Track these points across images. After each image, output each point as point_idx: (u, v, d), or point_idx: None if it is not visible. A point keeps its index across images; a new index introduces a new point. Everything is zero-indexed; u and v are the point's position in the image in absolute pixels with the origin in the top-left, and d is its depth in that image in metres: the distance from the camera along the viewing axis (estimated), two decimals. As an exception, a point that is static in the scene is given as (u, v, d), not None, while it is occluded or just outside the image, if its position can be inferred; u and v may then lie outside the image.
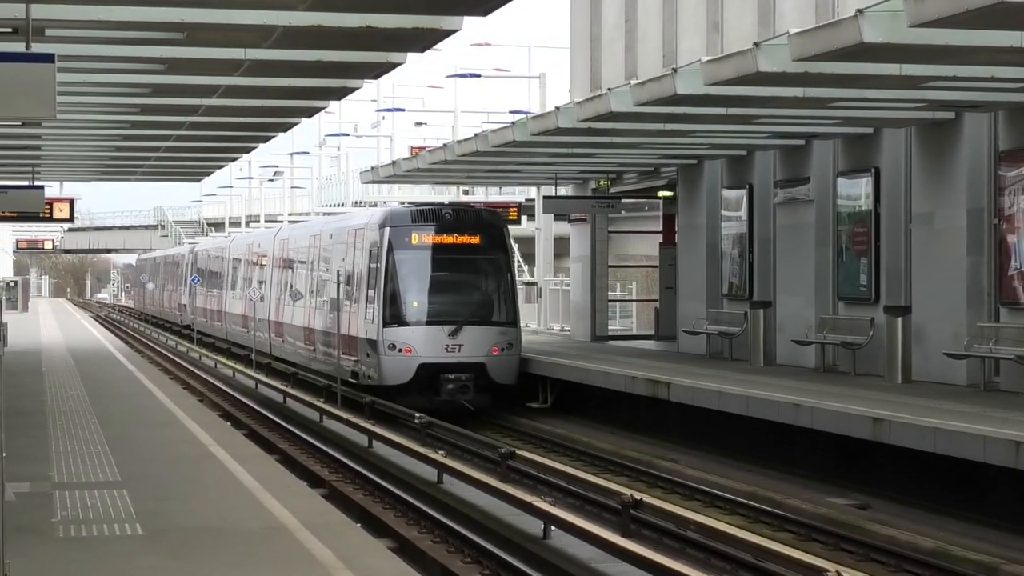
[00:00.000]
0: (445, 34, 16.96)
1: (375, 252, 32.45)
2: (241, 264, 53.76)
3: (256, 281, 49.27)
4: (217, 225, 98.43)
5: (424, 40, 17.46)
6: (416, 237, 32.03)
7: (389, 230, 32.06)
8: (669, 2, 34.18)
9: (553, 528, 16.76)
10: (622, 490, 18.99)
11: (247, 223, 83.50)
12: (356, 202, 65.86)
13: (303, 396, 33.37)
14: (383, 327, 31.59)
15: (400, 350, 31.38)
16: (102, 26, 16.52)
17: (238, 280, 53.91)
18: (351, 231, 35.37)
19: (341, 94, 23.87)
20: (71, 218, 37.92)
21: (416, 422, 27.11)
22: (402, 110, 62.78)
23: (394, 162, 41.57)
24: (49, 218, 36.88)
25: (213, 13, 16.30)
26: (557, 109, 27.34)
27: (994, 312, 23.77)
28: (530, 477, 21.64)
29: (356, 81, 21.56)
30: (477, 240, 32.28)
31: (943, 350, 24.05)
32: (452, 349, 31.27)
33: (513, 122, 30.97)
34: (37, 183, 36.20)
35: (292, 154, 79.55)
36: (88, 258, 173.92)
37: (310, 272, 40.52)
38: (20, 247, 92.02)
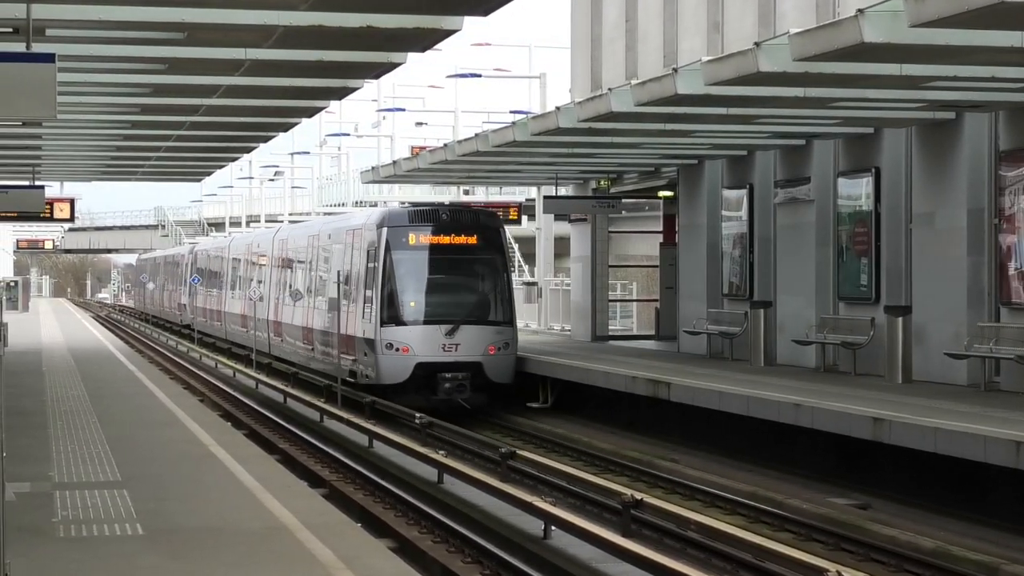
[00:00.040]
0: (446, 34, 16.96)
1: (373, 252, 32.55)
2: (240, 264, 53.77)
3: (255, 281, 49.28)
4: (217, 225, 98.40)
5: (425, 40, 17.46)
6: (413, 237, 32.15)
7: (387, 230, 32.18)
8: (670, 2, 34.17)
9: (554, 528, 16.76)
10: (623, 490, 18.99)
11: (248, 223, 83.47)
12: (357, 202, 65.85)
13: (303, 396, 33.36)
14: (381, 326, 31.72)
15: (397, 349, 31.50)
16: (102, 26, 16.53)
17: (237, 280, 53.91)
18: (349, 231, 35.46)
19: (342, 94, 23.88)
20: (71, 218, 37.93)
21: (416, 422, 27.11)
22: (403, 110, 62.82)
23: (395, 162, 41.59)
24: (49, 218, 36.89)
25: (214, 13, 16.31)
26: (558, 109, 27.34)
27: (994, 312, 23.77)
28: (530, 477, 21.63)
29: (357, 81, 21.56)
30: (474, 240, 32.41)
31: (943, 350, 24.05)
32: (449, 348, 31.38)
33: (514, 122, 30.97)
34: (38, 183, 36.20)
35: (293, 154, 79.58)
36: (88, 258, 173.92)
37: (309, 272, 40.60)
38: (20, 247, 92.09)
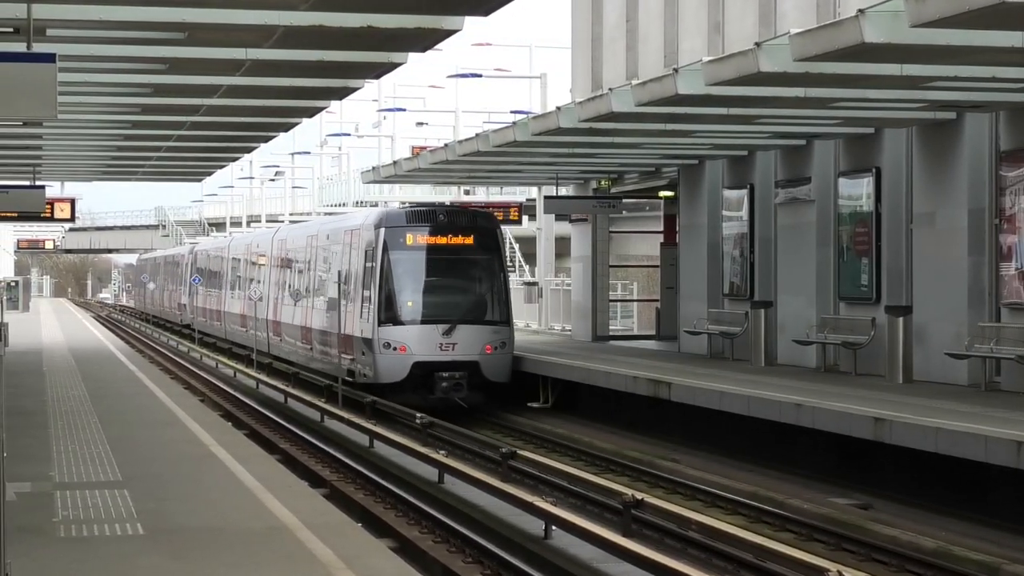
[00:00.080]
0: (446, 34, 16.96)
1: (370, 252, 32.74)
2: (240, 264, 53.87)
3: (254, 281, 49.35)
4: (218, 225, 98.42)
5: (425, 40, 17.46)
6: (411, 237, 32.38)
7: (384, 231, 32.39)
8: (670, 2, 34.17)
9: (554, 528, 16.76)
10: (623, 490, 18.99)
11: (248, 223, 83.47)
12: (357, 202, 65.86)
13: (304, 396, 33.38)
14: (378, 326, 31.93)
15: (395, 348, 31.70)
16: (103, 26, 16.52)
17: (237, 280, 54.01)
18: (347, 231, 35.65)
19: (342, 94, 23.88)
20: (72, 218, 37.94)
21: (417, 422, 27.12)
22: (403, 110, 62.82)
23: (395, 162, 41.61)
24: (50, 218, 36.90)
25: (214, 13, 16.31)
26: (558, 109, 27.34)
27: (995, 312, 23.76)
28: (531, 477, 21.63)
29: (357, 81, 21.56)
30: (471, 241, 32.64)
31: (944, 350, 24.05)
32: (446, 348, 31.59)
33: (514, 122, 30.97)
34: (38, 183, 36.20)
35: (293, 154, 79.58)
36: (89, 258, 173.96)
37: (307, 272, 40.78)
38: (21, 247, 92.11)
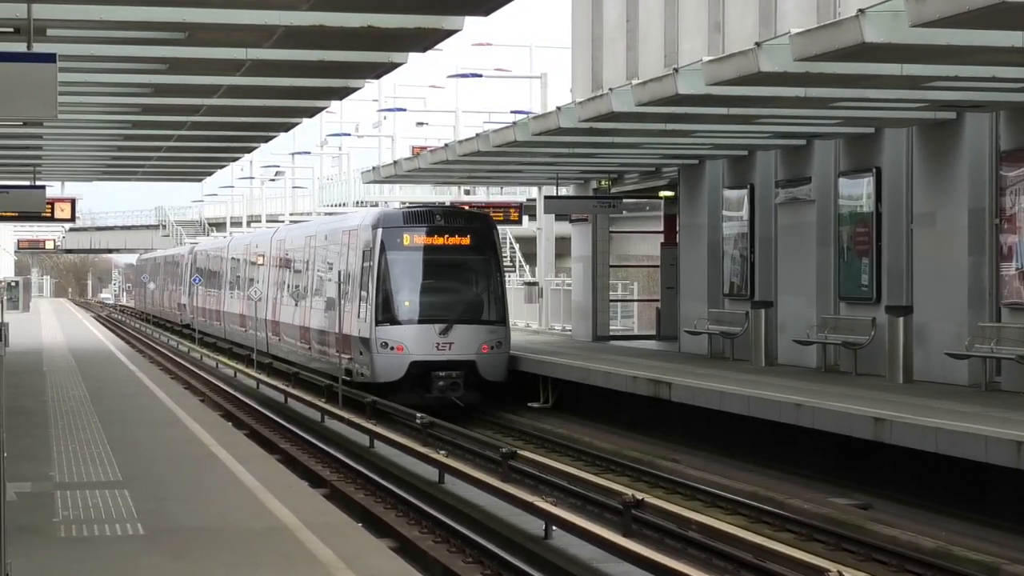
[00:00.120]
0: (446, 34, 16.95)
1: (368, 252, 32.97)
2: (239, 264, 54.01)
3: (254, 281, 49.49)
4: (218, 225, 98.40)
5: (426, 40, 17.46)
6: (408, 238, 32.65)
7: (381, 231, 32.65)
8: (671, 2, 34.16)
9: (554, 528, 16.76)
10: (623, 490, 18.99)
11: (248, 223, 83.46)
12: (358, 202, 65.84)
13: (304, 396, 33.39)
14: (376, 326, 32.16)
15: (392, 348, 31.93)
16: (103, 26, 16.52)
17: (236, 280, 54.13)
18: (345, 232, 35.89)
19: (342, 94, 23.88)
20: (72, 218, 37.96)
21: (417, 422, 27.13)
22: (403, 110, 62.80)
23: (395, 162, 41.61)
24: (50, 218, 36.94)
25: (214, 13, 16.30)
26: (558, 109, 27.34)
27: (995, 312, 23.76)
28: (531, 477, 21.63)
29: (357, 81, 21.56)
30: (467, 241, 32.92)
31: (944, 350, 24.05)
32: (443, 347, 31.83)
33: (514, 122, 30.97)
34: (38, 183, 36.21)
35: (293, 154, 79.54)
36: (89, 258, 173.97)
37: (306, 272, 41.01)
38: (21, 247, 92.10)
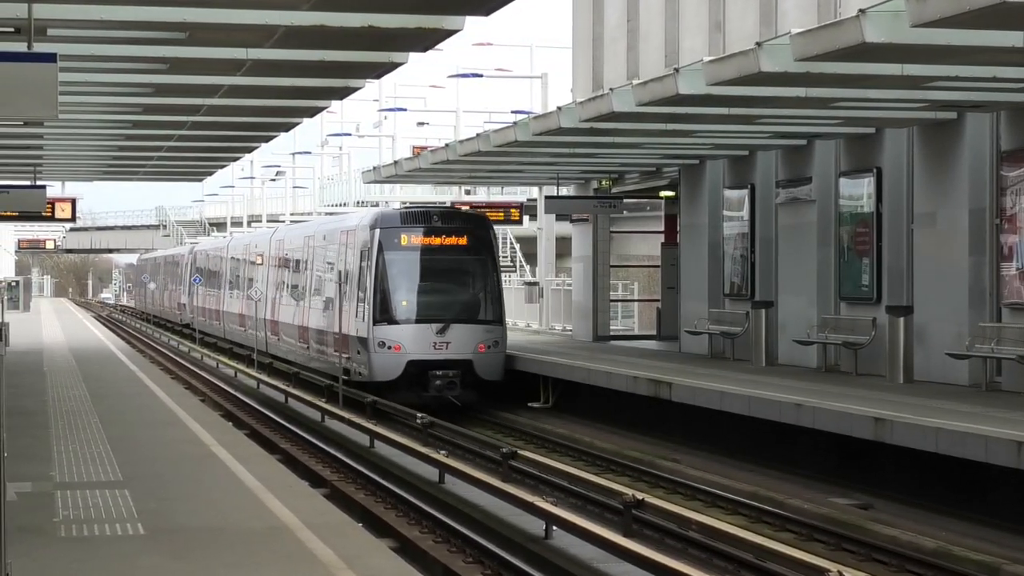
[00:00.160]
0: (447, 34, 16.95)
1: (366, 252, 33.19)
2: (239, 264, 54.19)
3: (253, 281, 49.65)
4: (219, 225, 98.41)
5: (426, 40, 17.46)
6: (405, 238, 32.92)
7: (379, 231, 32.89)
8: (671, 2, 34.15)
9: (555, 528, 16.76)
10: (624, 490, 18.98)
11: (249, 223, 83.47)
12: (358, 202, 65.82)
13: (305, 396, 33.40)
14: (373, 325, 32.38)
15: (389, 347, 32.15)
16: (104, 26, 16.52)
17: (235, 279, 54.29)
18: (343, 232, 36.12)
19: (343, 94, 23.88)
20: (73, 218, 38.00)
21: (418, 422, 27.13)
22: (404, 110, 62.80)
23: (396, 162, 41.62)
24: (51, 218, 36.98)
25: (215, 13, 16.30)
26: (559, 109, 27.33)
27: (996, 312, 23.75)
28: (532, 477, 21.62)
29: (358, 81, 21.56)
30: (464, 241, 33.17)
31: (945, 350, 24.04)
32: (440, 346, 32.05)
33: (515, 122, 30.96)
34: (39, 183, 36.23)
35: (294, 154, 79.53)
36: (90, 258, 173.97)
37: (304, 272, 41.25)
38: (22, 247, 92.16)
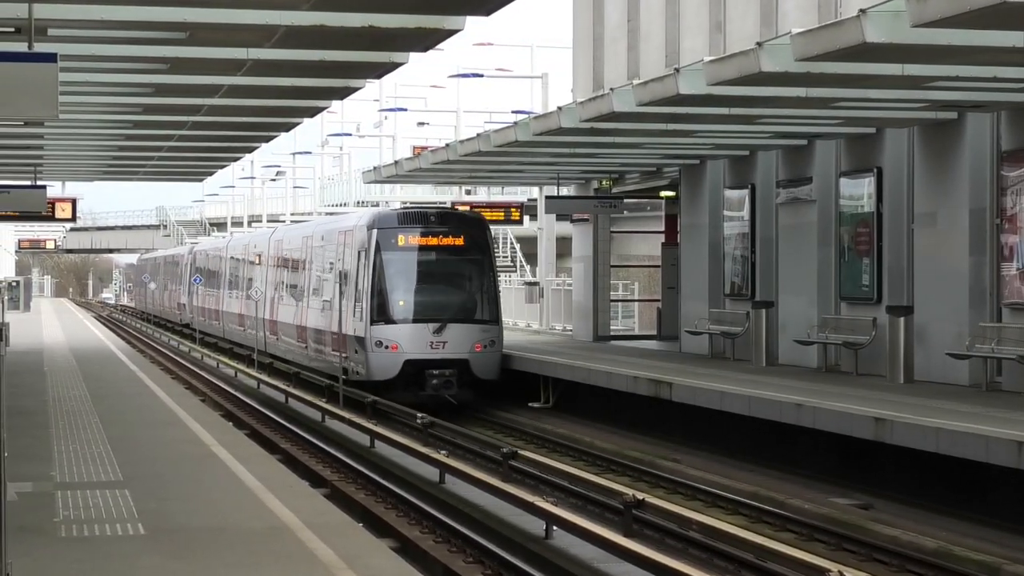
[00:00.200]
0: (448, 34, 16.95)
1: (363, 253, 33.41)
2: (238, 264, 54.32)
3: (252, 281, 49.80)
4: (219, 225, 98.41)
5: (427, 40, 17.46)
6: (402, 238, 33.16)
7: (376, 231, 33.11)
8: (672, 2, 34.15)
9: (555, 528, 16.76)
10: (624, 490, 18.98)
11: (249, 223, 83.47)
12: (359, 202, 65.84)
13: (305, 396, 33.41)
14: (371, 325, 32.60)
15: (387, 347, 32.36)
16: (104, 26, 16.52)
17: (235, 279, 54.43)
18: (341, 232, 36.32)
19: (343, 94, 23.89)
20: (73, 218, 38.01)
21: (418, 422, 27.14)
22: (404, 110, 62.80)
23: (396, 162, 41.63)
24: (51, 218, 37.01)
25: (215, 13, 16.30)
26: (559, 109, 27.33)
27: (996, 312, 23.75)
28: (532, 477, 21.62)
29: (358, 81, 21.57)
30: (461, 241, 33.43)
31: (945, 350, 24.04)
32: (436, 346, 32.27)
33: (515, 122, 30.96)
34: (39, 183, 36.23)
35: (294, 154, 79.54)
36: (90, 258, 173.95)
37: (303, 272, 41.42)
38: (22, 247, 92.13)
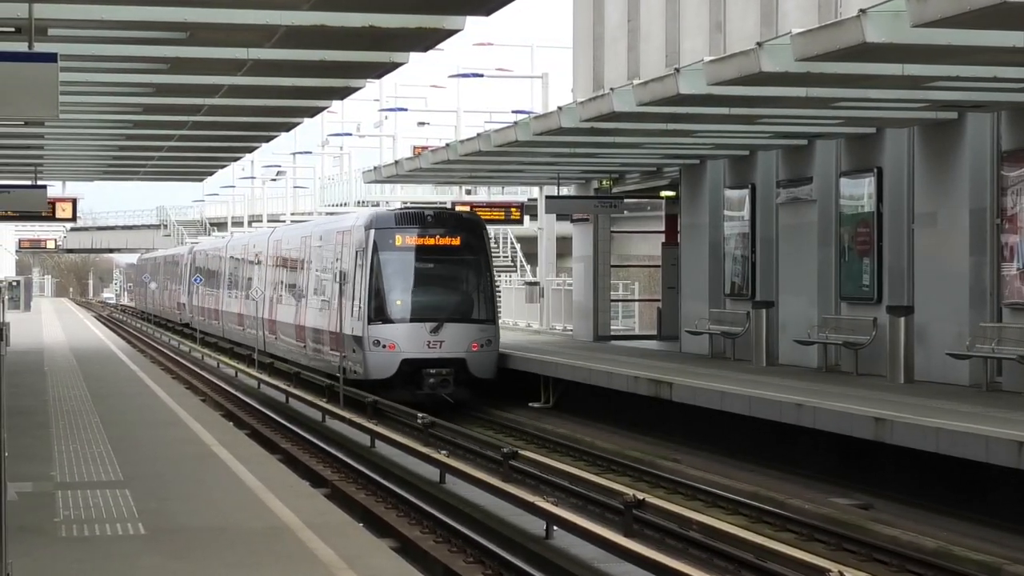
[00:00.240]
0: (448, 34, 16.96)
1: (361, 253, 33.62)
2: (237, 264, 54.44)
3: (251, 280, 49.94)
4: (220, 225, 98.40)
5: (427, 40, 17.46)
6: (399, 239, 33.39)
7: (374, 232, 33.33)
8: (672, 2, 34.15)
9: (555, 528, 16.76)
10: (625, 490, 18.98)
11: (250, 223, 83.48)
12: (359, 202, 65.87)
13: (306, 396, 33.42)
14: (368, 324, 32.83)
15: (384, 346, 32.58)
16: (105, 26, 16.53)
17: (234, 279, 54.56)
18: (339, 232, 36.57)
19: (344, 94, 23.89)
20: (74, 218, 38.07)
21: (419, 422, 27.15)
22: (405, 110, 62.83)
23: (397, 162, 41.64)
24: (52, 218, 37.06)
25: (216, 13, 16.31)
26: (560, 109, 27.33)
27: (996, 312, 23.75)
28: (532, 477, 21.62)
29: (359, 81, 21.57)
30: (457, 242, 33.67)
31: (945, 350, 24.04)
32: (433, 345, 32.49)
33: (516, 122, 30.96)
34: (40, 183, 36.24)
35: (295, 154, 79.56)
36: (91, 258, 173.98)
37: (301, 272, 41.60)
38: (23, 247, 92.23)
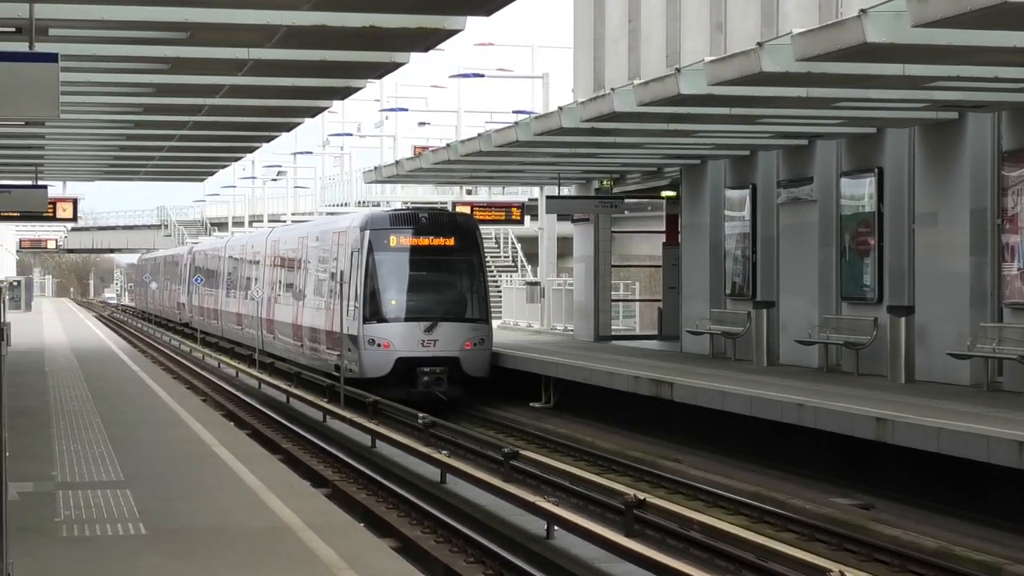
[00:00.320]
0: (448, 34, 16.96)
1: (356, 253, 33.95)
2: (236, 264, 54.60)
3: (249, 280, 50.12)
4: (220, 225, 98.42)
5: (427, 40, 17.46)
6: (394, 239, 33.75)
7: (369, 232, 33.70)
8: (672, 2, 34.15)
9: (556, 528, 16.76)
10: (625, 490, 18.97)
11: (250, 223, 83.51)
12: (359, 202, 65.92)
13: (306, 396, 33.43)
14: (363, 323, 33.24)
15: (379, 345, 32.97)
16: (105, 26, 16.53)
17: (233, 279, 54.72)
18: (335, 233, 36.91)
19: (344, 94, 23.89)
20: (74, 218, 38.10)
21: (419, 422, 27.16)
22: (405, 110, 62.85)
23: (397, 162, 41.65)
24: (52, 218, 37.10)
25: (216, 13, 16.31)
26: (560, 109, 27.33)
27: (997, 312, 23.75)
28: (533, 477, 21.62)
29: (359, 81, 21.58)
30: (451, 242, 34.02)
31: (946, 350, 24.05)
32: (428, 344, 32.86)
33: (516, 122, 30.97)
34: (40, 183, 36.26)
35: (295, 154, 79.58)
36: (91, 258, 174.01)
37: (298, 272, 41.87)
38: (23, 247, 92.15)
